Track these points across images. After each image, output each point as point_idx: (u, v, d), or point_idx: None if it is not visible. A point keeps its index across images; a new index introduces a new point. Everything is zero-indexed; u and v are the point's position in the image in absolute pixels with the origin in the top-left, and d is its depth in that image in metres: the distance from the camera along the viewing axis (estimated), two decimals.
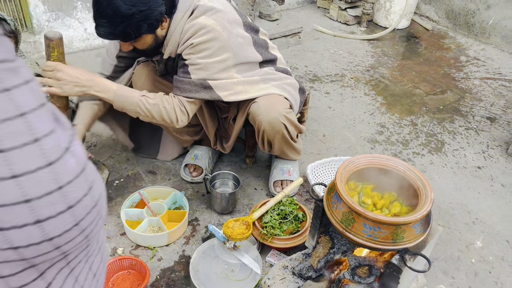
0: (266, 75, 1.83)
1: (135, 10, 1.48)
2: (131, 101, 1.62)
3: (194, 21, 1.62)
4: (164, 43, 1.69)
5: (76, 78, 1.50)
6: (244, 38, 1.75)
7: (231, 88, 1.70)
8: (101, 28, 1.52)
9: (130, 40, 1.59)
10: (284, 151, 1.96)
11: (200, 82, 1.65)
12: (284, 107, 1.78)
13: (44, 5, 2.78)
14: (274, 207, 1.84)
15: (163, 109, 1.65)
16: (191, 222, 1.92)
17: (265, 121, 1.76)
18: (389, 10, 3.74)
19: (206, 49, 1.62)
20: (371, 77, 3.12)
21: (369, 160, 1.51)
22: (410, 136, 2.54)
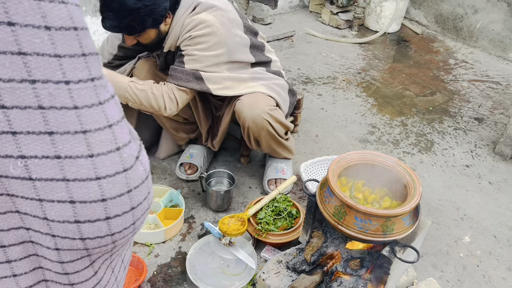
0: (255, 74, 1.88)
1: (141, 4, 1.54)
2: (119, 86, 1.65)
3: (194, 16, 1.68)
4: (165, 38, 1.74)
5: None
6: (242, 39, 1.80)
7: (220, 83, 1.76)
8: (107, 21, 1.57)
9: (135, 33, 1.64)
10: (273, 149, 2.01)
11: (192, 72, 1.70)
12: (268, 104, 1.83)
13: None
14: (269, 204, 1.88)
15: (151, 95, 1.68)
16: (187, 219, 1.95)
17: (248, 118, 1.81)
18: (379, 14, 3.82)
19: (203, 42, 1.68)
20: (362, 79, 3.19)
21: (360, 156, 1.56)
22: (400, 136, 2.60)
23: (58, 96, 0.51)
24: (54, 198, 0.54)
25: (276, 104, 1.90)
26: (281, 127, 1.93)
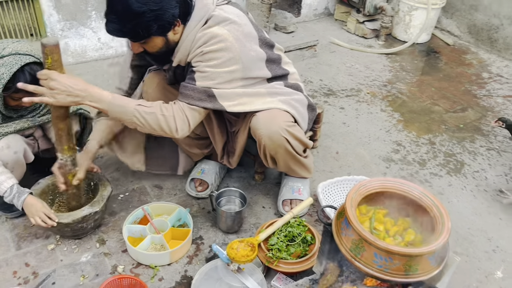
0: (272, 89, 1.76)
1: (146, 8, 1.45)
2: (126, 111, 1.55)
3: (207, 30, 1.58)
4: (175, 51, 1.64)
5: (70, 87, 1.45)
6: (257, 53, 1.69)
7: (234, 99, 1.64)
8: (111, 24, 1.49)
9: (139, 40, 1.55)
10: (291, 168, 1.88)
11: (204, 90, 1.59)
12: (285, 120, 1.70)
13: (59, 14, 2.77)
14: (282, 228, 1.76)
15: (161, 117, 1.57)
16: (195, 240, 1.85)
17: (265, 135, 1.69)
18: (408, 24, 3.65)
19: (215, 58, 1.57)
20: (388, 92, 3.02)
21: (382, 183, 1.42)
22: (427, 156, 2.43)
23: None
24: None
25: (294, 120, 1.77)
26: (300, 145, 1.80)
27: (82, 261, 1.72)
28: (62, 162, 1.63)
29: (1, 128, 1.65)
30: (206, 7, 1.60)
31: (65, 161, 1.62)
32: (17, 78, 1.53)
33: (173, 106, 1.61)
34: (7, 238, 1.79)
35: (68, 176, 1.67)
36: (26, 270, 1.67)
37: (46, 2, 2.69)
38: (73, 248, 1.76)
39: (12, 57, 1.53)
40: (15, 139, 1.67)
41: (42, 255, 1.73)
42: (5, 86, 1.53)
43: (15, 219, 1.86)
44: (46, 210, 1.64)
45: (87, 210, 1.68)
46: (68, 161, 1.63)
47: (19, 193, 1.64)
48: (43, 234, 1.81)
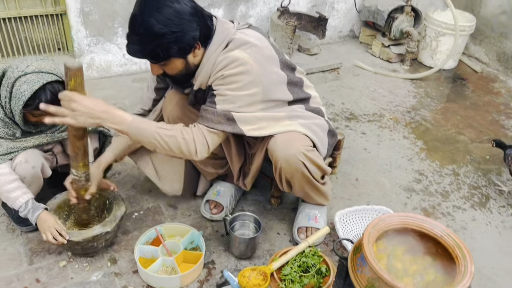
0: (293, 112, 1.73)
1: (167, 30, 1.45)
2: (146, 134, 1.54)
3: (227, 54, 1.57)
4: (195, 74, 1.64)
5: (91, 109, 1.45)
6: (278, 76, 1.67)
7: (254, 123, 1.62)
8: (131, 45, 1.50)
9: (159, 61, 1.55)
10: (307, 193, 1.83)
11: (224, 113, 1.57)
12: (304, 144, 1.66)
13: (86, 30, 2.83)
14: (296, 258, 1.71)
15: (182, 140, 1.56)
16: (207, 264, 1.81)
17: (281, 158, 1.65)
18: (435, 49, 3.58)
19: (236, 82, 1.56)
20: (411, 119, 2.95)
21: (402, 219, 1.37)
22: (451, 187, 2.35)
23: None
24: None
25: (313, 145, 1.73)
26: (318, 170, 1.76)
27: (92, 280, 1.70)
28: (76, 178, 1.63)
29: (20, 142, 1.67)
30: (227, 30, 1.59)
31: (79, 177, 1.62)
32: (38, 96, 1.55)
33: (193, 129, 1.59)
34: (20, 252, 1.79)
35: (81, 191, 1.67)
36: (37, 286, 1.66)
37: (74, 18, 2.75)
38: (85, 266, 1.75)
39: (35, 74, 1.54)
40: (33, 154, 1.68)
41: (54, 272, 1.72)
42: (25, 103, 1.55)
43: (29, 233, 1.87)
44: (58, 226, 1.64)
45: (99, 229, 1.67)
46: (82, 177, 1.63)
47: (34, 209, 1.64)
48: (55, 250, 1.80)
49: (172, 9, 1.45)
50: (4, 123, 1.63)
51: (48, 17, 2.75)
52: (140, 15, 1.45)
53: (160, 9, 1.44)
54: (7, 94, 1.56)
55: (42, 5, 2.69)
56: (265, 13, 3.44)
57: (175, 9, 1.46)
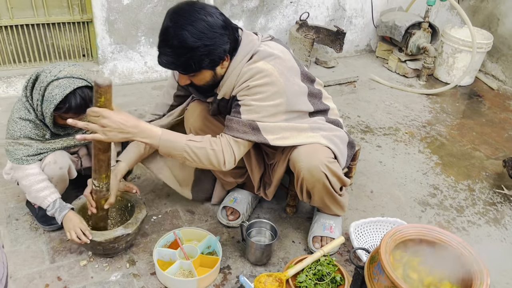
0: (315, 124, 1.77)
1: (201, 43, 1.49)
2: (177, 146, 1.57)
3: (252, 65, 1.61)
4: (220, 84, 1.68)
5: (121, 124, 1.47)
6: (300, 87, 1.71)
7: (278, 133, 1.66)
8: (164, 56, 1.53)
9: (190, 73, 1.58)
10: (326, 204, 1.86)
11: (248, 123, 1.61)
12: (326, 156, 1.70)
13: (111, 37, 2.92)
14: (311, 266, 1.73)
15: (211, 151, 1.59)
16: (223, 269, 1.84)
17: (304, 168, 1.69)
18: (452, 65, 3.60)
19: (261, 92, 1.60)
20: (427, 133, 2.97)
21: (419, 230, 1.39)
22: (466, 203, 2.35)
23: None
24: None
25: (334, 157, 1.77)
26: (338, 182, 1.79)
27: (111, 280, 1.74)
28: (97, 189, 1.65)
29: (49, 144, 1.73)
30: (252, 42, 1.64)
31: (100, 188, 1.65)
32: (68, 100, 1.61)
33: (221, 139, 1.62)
34: (43, 250, 1.84)
35: (101, 200, 1.70)
36: (58, 284, 1.71)
37: (100, 26, 2.84)
38: (104, 266, 1.80)
39: (67, 79, 1.61)
40: (61, 155, 1.75)
41: (74, 271, 1.77)
42: (56, 106, 1.61)
43: (52, 232, 1.92)
44: (83, 226, 1.69)
45: (120, 231, 1.71)
46: (104, 188, 1.65)
47: (61, 208, 1.70)
48: (76, 249, 1.85)
49: (205, 23, 1.49)
50: (35, 125, 1.70)
51: (75, 25, 2.85)
52: (173, 27, 1.48)
53: (194, 23, 1.48)
54: (39, 97, 1.62)
55: (70, 13, 2.79)
56: (284, 25, 3.51)
57: (208, 23, 1.49)
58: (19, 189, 2.10)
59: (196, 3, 1.53)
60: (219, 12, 1.56)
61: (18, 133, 1.68)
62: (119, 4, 2.82)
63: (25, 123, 1.68)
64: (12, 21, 2.66)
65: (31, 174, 1.71)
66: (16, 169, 1.73)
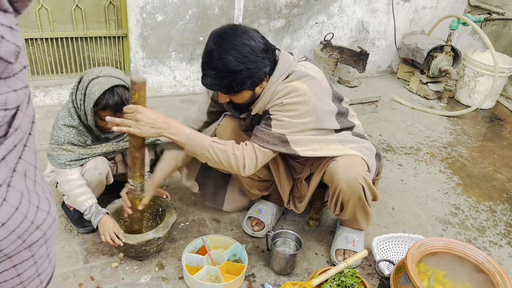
0: (343, 137, 1.83)
1: (244, 67, 1.56)
2: (201, 145, 1.66)
3: (287, 84, 1.68)
4: (256, 101, 1.75)
5: (153, 120, 1.58)
6: (330, 107, 1.78)
7: (307, 145, 1.72)
8: (208, 78, 1.60)
9: (232, 93, 1.66)
10: (356, 217, 1.91)
11: (278, 135, 1.68)
12: (364, 169, 1.75)
13: (143, 52, 3.05)
14: (335, 277, 1.77)
15: (232, 155, 1.67)
16: (248, 277, 1.90)
17: (343, 180, 1.73)
18: (473, 89, 3.65)
19: (293, 110, 1.67)
20: (448, 154, 3.01)
21: (445, 244, 1.43)
22: (487, 223, 2.38)
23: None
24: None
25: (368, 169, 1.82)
26: (371, 195, 1.84)
27: (141, 282, 1.81)
28: (132, 188, 1.74)
29: (90, 149, 1.83)
30: (289, 63, 1.71)
31: (135, 187, 1.74)
32: (106, 96, 1.71)
33: (244, 146, 1.71)
34: (77, 251, 1.93)
35: (136, 200, 1.80)
36: (91, 283, 1.78)
37: (134, 41, 2.98)
38: (134, 268, 1.87)
39: (106, 78, 1.71)
40: (101, 161, 1.84)
41: (106, 271, 1.84)
42: (95, 102, 1.71)
43: (85, 234, 2.01)
44: (116, 229, 1.77)
45: (152, 234, 1.79)
46: (138, 187, 1.74)
47: (96, 213, 1.79)
48: (108, 251, 1.93)
49: (248, 47, 1.55)
50: (78, 131, 1.80)
51: (110, 39, 2.99)
52: (217, 50, 1.54)
53: (237, 47, 1.54)
54: (82, 96, 1.73)
55: (106, 27, 2.94)
56: (308, 45, 3.61)
57: (251, 47, 1.56)
58: (55, 192, 2.21)
59: (239, 27, 1.60)
60: (261, 35, 1.62)
61: (62, 139, 1.78)
62: (153, 21, 2.96)
63: (69, 130, 1.79)
64: (53, 33, 2.81)
65: (71, 180, 1.80)
66: (58, 173, 1.83)
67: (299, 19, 3.46)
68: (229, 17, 3.16)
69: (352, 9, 3.63)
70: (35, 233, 0.69)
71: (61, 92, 2.95)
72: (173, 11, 2.99)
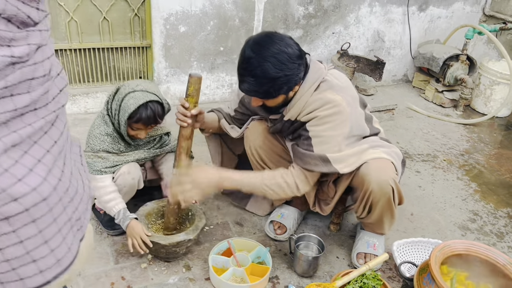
0: (374, 142, 1.89)
1: (282, 74, 1.62)
2: (256, 187, 1.77)
3: (321, 95, 1.73)
4: (287, 106, 1.81)
5: (209, 179, 1.71)
6: (360, 114, 1.86)
7: (346, 160, 1.77)
8: (246, 84, 1.66)
9: (269, 99, 1.73)
10: (382, 219, 1.95)
11: (319, 156, 1.74)
12: (393, 171, 1.81)
13: (166, 62, 3.16)
14: (357, 279, 1.82)
15: (285, 184, 1.76)
16: (271, 279, 1.96)
17: (374, 182, 1.78)
18: (489, 97, 3.68)
19: (330, 122, 1.73)
20: (465, 162, 3.04)
21: (467, 246, 1.48)
22: (506, 229, 2.41)
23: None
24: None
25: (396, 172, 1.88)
26: (398, 198, 1.89)
27: (169, 283, 1.88)
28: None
29: (123, 156, 1.92)
30: (320, 71, 1.77)
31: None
32: (140, 110, 1.80)
33: (292, 170, 1.79)
34: (107, 252, 2.01)
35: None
36: (122, 283, 1.86)
37: (158, 51, 3.09)
38: (163, 269, 1.94)
39: (141, 93, 1.81)
40: (134, 167, 1.93)
41: (136, 272, 1.92)
42: (130, 115, 1.80)
43: (115, 236, 2.09)
44: (144, 235, 1.84)
45: (183, 236, 1.86)
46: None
47: (124, 218, 1.87)
48: (137, 253, 2.01)
49: (286, 54, 1.61)
50: (112, 138, 1.90)
51: (135, 49, 3.10)
52: (256, 58, 1.60)
53: (276, 55, 1.59)
54: (117, 107, 1.82)
55: (131, 38, 3.05)
56: (325, 54, 3.69)
57: (288, 54, 1.62)
58: None
59: (275, 34, 1.67)
60: (295, 42, 1.69)
61: (98, 147, 1.88)
62: (176, 32, 3.07)
63: (104, 138, 1.88)
64: (81, 44, 2.93)
65: (102, 187, 1.90)
66: (92, 179, 1.92)
67: (317, 29, 3.55)
68: (249, 28, 3.25)
69: (368, 19, 3.70)
70: (11, 205, 0.63)
71: (88, 101, 3.06)
72: (195, 23, 3.09)
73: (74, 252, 0.76)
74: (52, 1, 2.74)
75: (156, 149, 2.03)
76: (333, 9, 3.52)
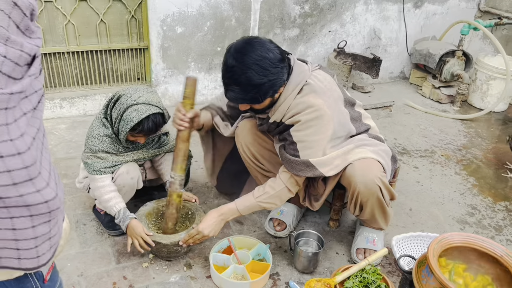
0: (360, 141, 1.91)
1: (266, 79, 1.64)
2: (253, 207, 1.88)
3: (303, 99, 1.76)
4: (273, 108, 1.83)
5: (213, 224, 1.86)
6: (344, 114, 1.87)
7: (330, 163, 1.80)
8: (232, 93, 1.68)
9: (256, 104, 1.75)
10: (374, 217, 1.98)
11: (303, 162, 1.78)
12: (379, 170, 1.83)
13: (164, 63, 3.17)
14: (357, 274, 1.84)
15: (277, 193, 1.85)
16: (272, 276, 1.97)
17: (360, 183, 1.80)
18: (485, 92, 3.70)
19: (312, 126, 1.76)
20: (463, 156, 3.06)
21: (464, 238, 1.50)
22: (504, 222, 2.42)
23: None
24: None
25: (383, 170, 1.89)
26: (388, 195, 1.91)
27: (171, 281, 1.90)
28: (171, 180, 1.86)
29: (122, 157, 1.94)
30: (303, 73, 1.78)
31: (174, 179, 1.85)
32: (142, 123, 1.82)
33: (281, 177, 1.85)
34: (109, 252, 2.02)
35: (173, 194, 1.88)
36: (124, 282, 1.88)
37: (155, 53, 3.11)
38: (164, 268, 1.96)
39: (144, 105, 1.82)
40: (133, 167, 1.95)
41: (138, 271, 1.93)
42: (132, 127, 1.82)
43: (116, 236, 2.11)
44: (144, 235, 1.85)
45: (184, 235, 1.88)
46: (177, 180, 1.86)
47: (124, 218, 1.88)
48: (138, 252, 2.02)
49: (268, 60, 1.62)
50: (111, 140, 1.91)
51: (132, 51, 3.12)
52: (239, 66, 1.61)
53: (258, 61, 1.60)
54: (118, 117, 1.83)
55: (129, 40, 3.07)
56: (322, 53, 3.71)
57: (270, 59, 1.63)
58: (86, 197, 2.32)
59: (255, 40, 1.67)
60: (276, 45, 1.70)
61: (97, 147, 1.89)
62: (173, 33, 3.09)
63: (103, 139, 1.90)
64: (79, 47, 2.95)
65: (101, 186, 1.91)
66: (91, 180, 1.93)
67: (313, 28, 3.56)
68: (245, 28, 3.27)
69: (364, 17, 3.73)
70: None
71: (86, 103, 3.08)
72: (192, 23, 3.11)
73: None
74: (49, 5, 2.76)
75: (155, 149, 2.04)
76: (329, 7, 3.54)
